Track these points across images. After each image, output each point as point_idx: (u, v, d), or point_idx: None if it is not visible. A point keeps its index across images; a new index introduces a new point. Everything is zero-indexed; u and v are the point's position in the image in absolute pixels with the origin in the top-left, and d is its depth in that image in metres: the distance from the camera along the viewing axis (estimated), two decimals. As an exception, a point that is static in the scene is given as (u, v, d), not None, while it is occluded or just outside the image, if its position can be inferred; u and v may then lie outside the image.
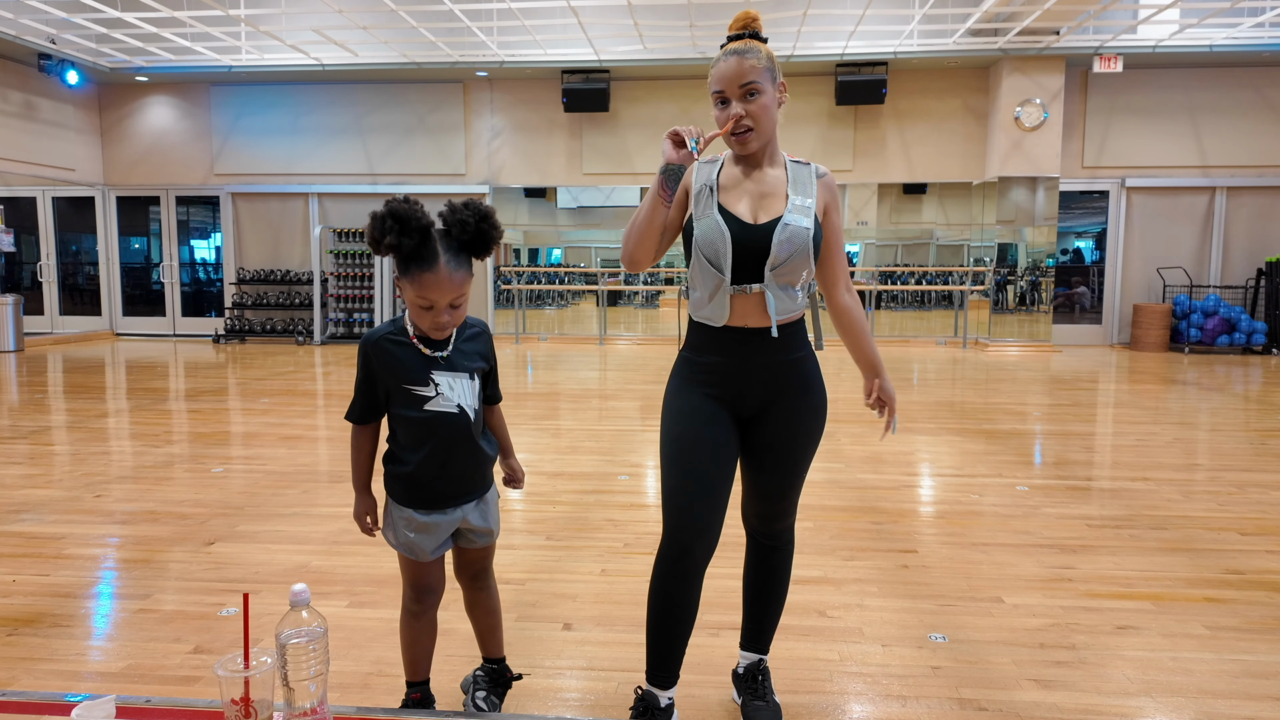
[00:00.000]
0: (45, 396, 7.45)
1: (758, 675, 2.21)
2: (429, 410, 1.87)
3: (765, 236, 1.89)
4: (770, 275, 1.90)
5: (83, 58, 11.24)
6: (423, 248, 1.76)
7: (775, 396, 1.99)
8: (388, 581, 3.11)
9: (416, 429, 1.88)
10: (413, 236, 1.72)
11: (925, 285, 15.56)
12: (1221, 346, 11.09)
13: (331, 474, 4.69)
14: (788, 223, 1.89)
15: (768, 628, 2.22)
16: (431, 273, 1.76)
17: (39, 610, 2.85)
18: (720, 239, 1.89)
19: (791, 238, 1.89)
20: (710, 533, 1.95)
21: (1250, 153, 11.29)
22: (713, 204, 1.94)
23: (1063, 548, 3.50)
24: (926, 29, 10.68)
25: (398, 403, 1.89)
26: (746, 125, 1.89)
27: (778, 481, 2.05)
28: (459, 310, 1.85)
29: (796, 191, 1.95)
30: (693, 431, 1.96)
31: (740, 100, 1.88)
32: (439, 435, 1.88)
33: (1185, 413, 6.71)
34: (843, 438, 5.64)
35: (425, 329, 1.85)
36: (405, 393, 1.87)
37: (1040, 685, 2.35)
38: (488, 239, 1.82)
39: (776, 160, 2.00)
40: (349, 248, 12.35)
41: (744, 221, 1.91)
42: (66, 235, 13.28)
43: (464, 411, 1.90)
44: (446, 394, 1.87)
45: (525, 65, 11.29)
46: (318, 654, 1.26)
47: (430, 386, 1.86)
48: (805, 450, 2.05)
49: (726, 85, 1.89)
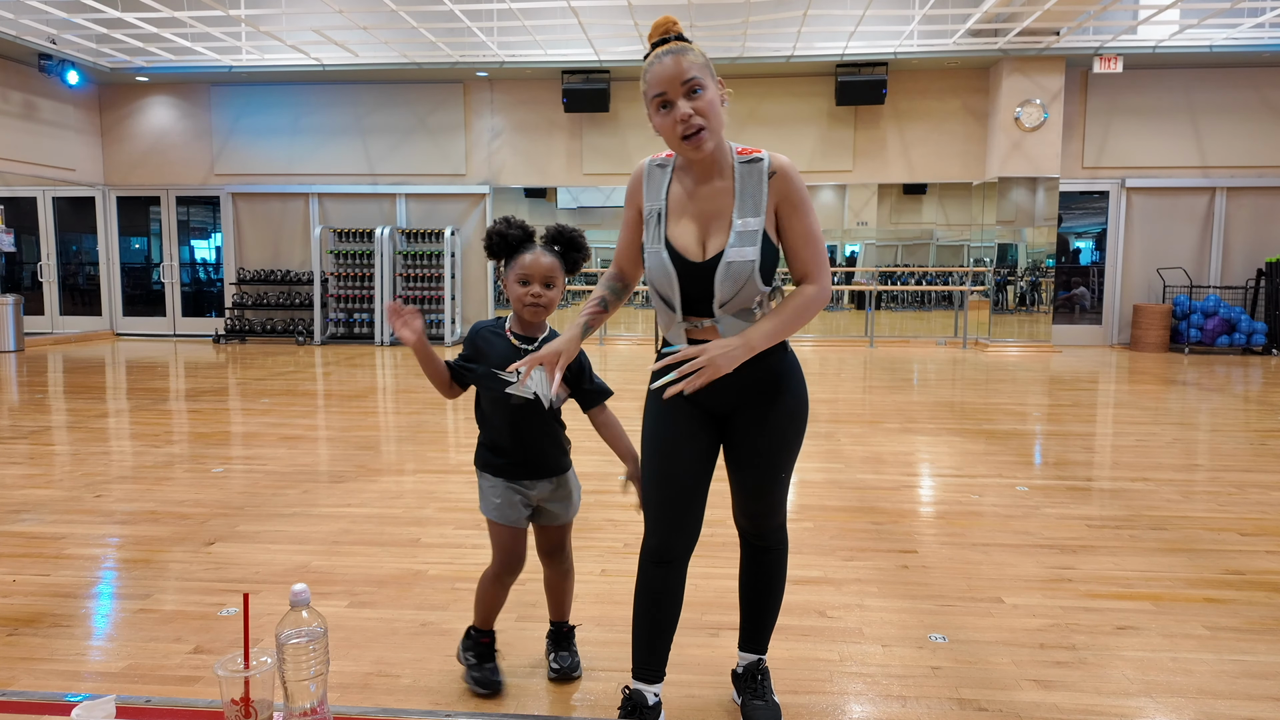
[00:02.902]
0: (45, 396, 7.45)
1: (757, 675, 2.20)
2: (509, 393, 2.17)
3: (710, 274, 1.87)
4: (720, 312, 1.90)
5: (83, 58, 11.24)
6: (525, 241, 2.23)
7: (750, 397, 1.98)
8: (388, 581, 3.11)
9: (498, 406, 2.22)
10: (518, 230, 2.21)
11: (925, 285, 15.57)
12: (1221, 347, 11.09)
13: (331, 474, 4.69)
14: (730, 260, 1.85)
15: (765, 628, 2.22)
16: (529, 253, 2.20)
17: (39, 610, 2.85)
18: (666, 279, 1.91)
19: (735, 276, 1.85)
20: (686, 530, 2.00)
21: (1250, 153, 11.29)
22: (660, 236, 1.93)
23: (1063, 548, 3.50)
24: (926, 29, 10.68)
25: (486, 383, 2.22)
26: (698, 124, 1.80)
27: (759, 479, 2.04)
28: (551, 293, 2.19)
29: (743, 210, 1.87)
30: (667, 432, 2.00)
31: (685, 99, 1.81)
32: (515, 413, 2.20)
33: (1185, 413, 6.71)
34: (843, 438, 5.64)
35: (522, 310, 2.20)
36: (493, 375, 2.19)
37: (1040, 685, 2.35)
38: (577, 245, 2.25)
39: (725, 167, 1.91)
40: (349, 248, 12.35)
41: (689, 260, 1.89)
42: (67, 235, 13.28)
43: (538, 399, 2.19)
44: (527, 382, 2.13)
45: (525, 65, 11.29)
46: (318, 654, 1.26)
47: (514, 373, 2.08)
48: (785, 449, 2.03)
49: (668, 86, 1.81)
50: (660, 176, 1.97)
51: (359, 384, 8.33)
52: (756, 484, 2.04)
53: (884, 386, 8.15)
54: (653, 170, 1.99)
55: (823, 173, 11.99)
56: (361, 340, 12.32)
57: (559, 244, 2.24)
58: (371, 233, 12.27)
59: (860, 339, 12.24)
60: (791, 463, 2.06)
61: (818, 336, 12.57)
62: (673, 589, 2.02)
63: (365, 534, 3.65)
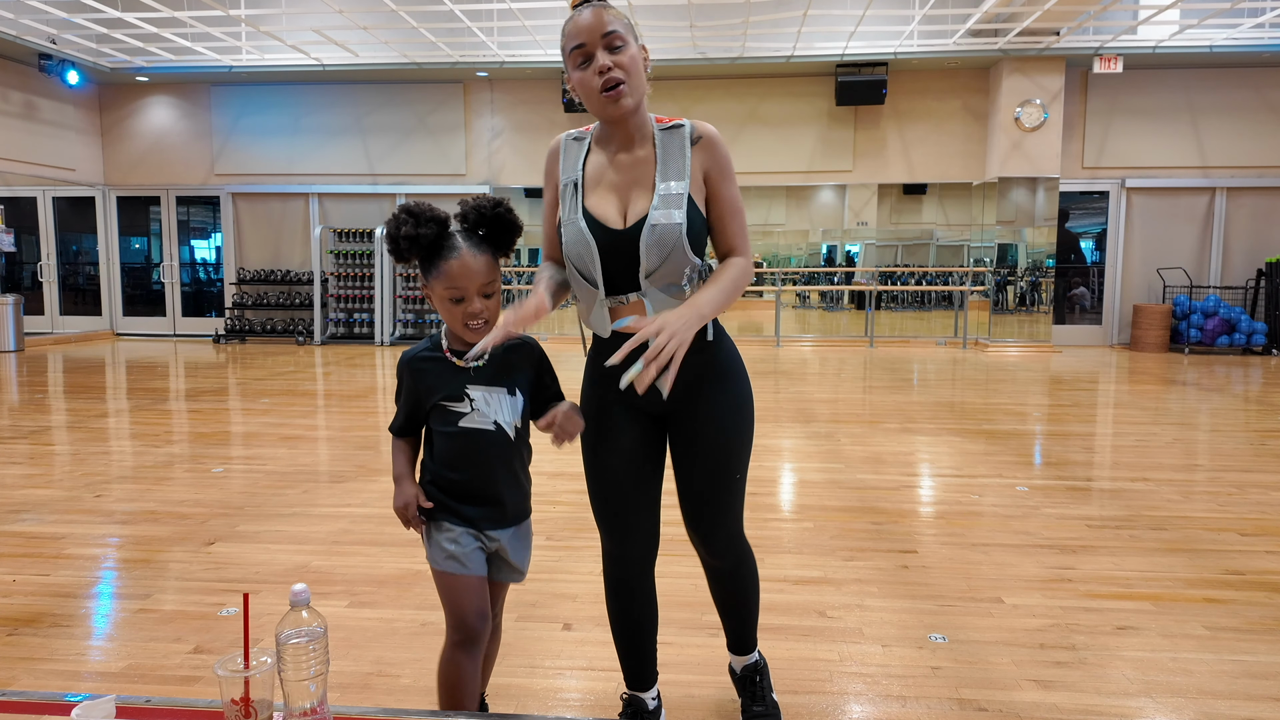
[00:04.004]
0: (45, 396, 7.45)
1: (755, 676, 2.14)
2: (464, 426, 1.77)
3: (633, 242, 1.73)
4: (647, 283, 1.75)
5: (83, 58, 11.24)
6: (442, 239, 1.73)
7: (686, 390, 1.85)
8: (388, 581, 3.11)
9: (452, 445, 1.79)
10: (429, 226, 1.70)
11: (925, 285, 15.58)
12: (1221, 347, 11.09)
13: (331, 474, 4.69)
14: (654, 223, 1.72)
15: (747, 634, 2.13)
16: (455, 259, 1.71)
17: (39, 610, 2.85)
18: (586, 250, 1.75)
19: (661, 239, 1.72)
20: (639, 532, 1.93)
21: (1250, 153, 11.29)
22: (577, 207, 1.79)
23: (1063, 548, 3.50)
24: (926, 29, 10.68)
25: (435, 419, 1.81)
26: (617, 78, 1.70)
27: (706, 478, 1.90)
28: (492, 302, 1.76)
29: (665, 175, 1.76)
30: (605, 439, 1.90)
31: (605, 52, 1.71)
32: (475, 452, 1.79)
33: (1185, 413, 6.71)
34: (843, 438, 5.64)
35: (461, 329, 1.75)
36: (441, 409, 1.79)
37: (1040, 685, 2.35)
38: (508, 225, 1.77)
39: (645, 135, 1.81)
40: (349, 248, 12.35)
41: (609, 228, 1.75)
42: (67, 235, 13.28)
43: (501, 429, 1.79)
44: (482, 409, 1.77)
45: (525, 65, 11.29)
46: (318, 654, 1.26)
47: (465, 401, 1.77)
48: (734, 443, 1.89)
49: (588, 36, 1.70)
50: (577, 149, 1.86)
51: (359, 384, 8.33)
52: (704, 484, 1.90)
53: (884, 386, 8.15)
54: (569, 144, 1.87)
55: (823, 173, 11.99)
56: (361, 340, 12.32)
57: (484, 226, 1.77)
58: (371, 233, 12.27)
59: (860, 339, 12.24)
60: (744, 461, 1.93)
61: (817, 336, 12.57)
62: (640, 596, 1.98)
63: (365, 534, 3.66)
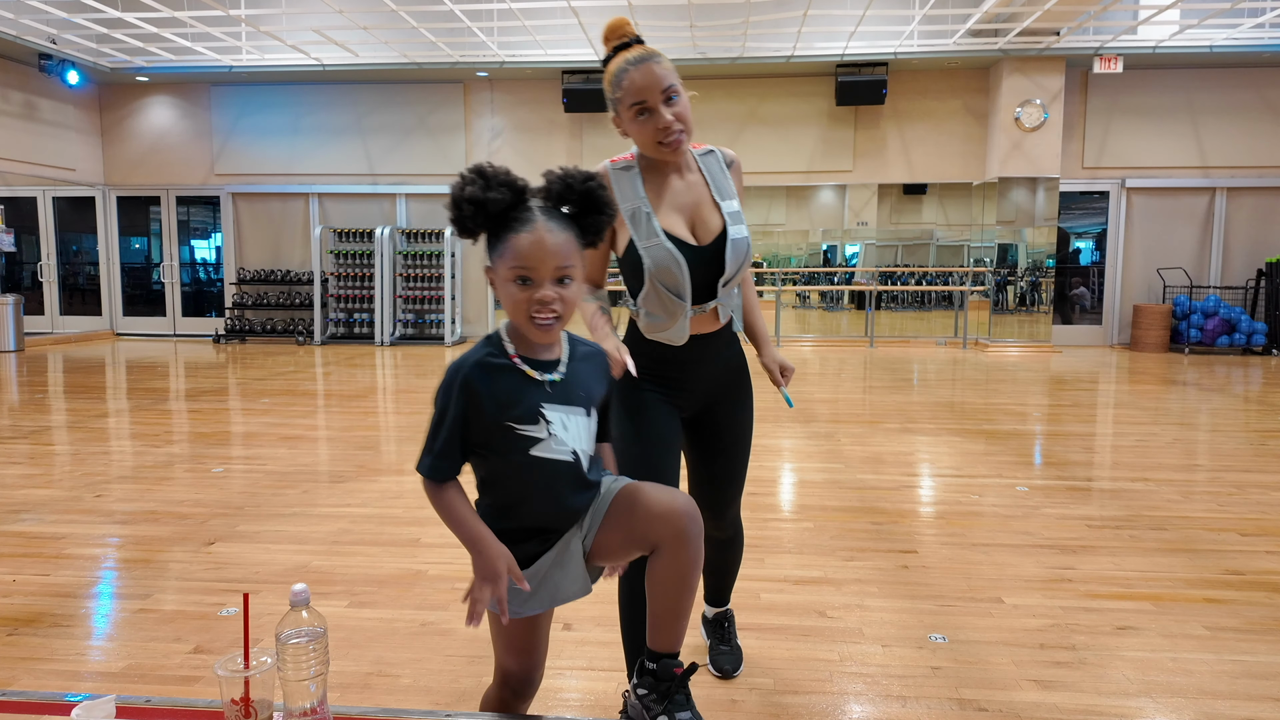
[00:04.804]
0: (45, 396, 7.45)
1: (724, 622, 2.45)
2: (536, 455, 1.41)
3: (716, 256, 1.93)
4: (724, 291, 1.97)
5: (83, 58, 11.24)
6: (514, 208, 1.39)
7: (721, 392, 2.10)
8: (388, 581, 3.11)
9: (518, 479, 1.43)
10: (501, 191, 1.37)
11: (925, 286, 15.57)
12: (1222, 347, 11.09)
13: (331, 474, 4.69)
14: (735, 238, 1.94)
15: (727, 588, 2.44)
16: (528, 232, 1.37)
17: (39, 610, 2.85)
18: (677, 268, 1.90)
19: (740, 251, 1.95)
20: None
21: (1250, 153, 11.29)
22: (655, 230, 1.91)
23: (1063, 548, 3.50)
24: (926, 30, 10.68)
25: (495, 445, 1.41)
26: (678, 132, 1.88)
27: (729, 467, 2.16)
28: (568, 291, 1.39)
29: (722, 194, 1.98)
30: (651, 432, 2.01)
31: (665, 105, 1.86)
32: (547, 488, 1.44)
33: (1185, 413, 6.71)
34: (843, 438, 5.64)
35: (525, 320, 1.39)
36: (507, 432, 1.40)
37: (1040, 686, 2.35)
38: (599, 204, 1.44)
39: (689, 160, 2.01)
40: (349, 248, 12.35)
41: (690, 245, 1.93)
42: (67, 235, 13.28)
43: (579, 459, 1.45)
44: (560, 435, 1.42)
45: (525, 65, 11.29)
46: (318, 654, 1.26)
47: (540, 424, 1.41)
48: (749, 434, 2.19)
49: (649, 95, 1.86)
50: (629, 178, 1.96)
51: (359, 384, 8.33)
52: (727, 472, 2.17)
53: (884, 386, 8.15)
54: (618, 175, 1.97)
55: (823, 173, 11.99)
56: (361, 340, 12.31)
57: (569, 202, 1.45)
58: (372, 233, 12.27)
59: (860, 339, 12.24)
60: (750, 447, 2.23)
61: (818, 336, 12.57)
62: None
63: (365, 534, 3.66)
